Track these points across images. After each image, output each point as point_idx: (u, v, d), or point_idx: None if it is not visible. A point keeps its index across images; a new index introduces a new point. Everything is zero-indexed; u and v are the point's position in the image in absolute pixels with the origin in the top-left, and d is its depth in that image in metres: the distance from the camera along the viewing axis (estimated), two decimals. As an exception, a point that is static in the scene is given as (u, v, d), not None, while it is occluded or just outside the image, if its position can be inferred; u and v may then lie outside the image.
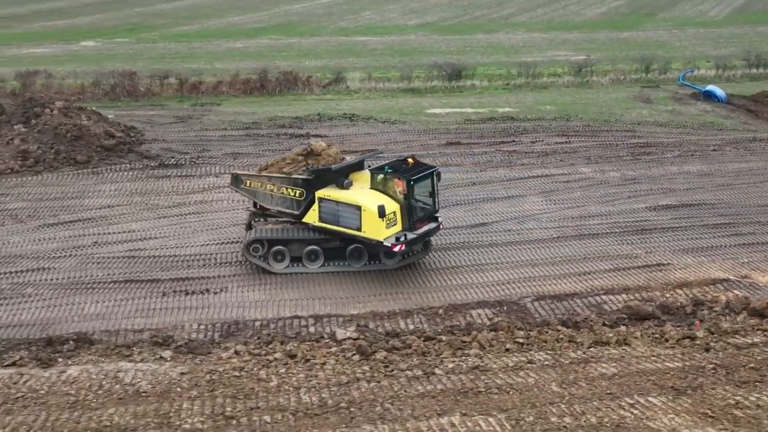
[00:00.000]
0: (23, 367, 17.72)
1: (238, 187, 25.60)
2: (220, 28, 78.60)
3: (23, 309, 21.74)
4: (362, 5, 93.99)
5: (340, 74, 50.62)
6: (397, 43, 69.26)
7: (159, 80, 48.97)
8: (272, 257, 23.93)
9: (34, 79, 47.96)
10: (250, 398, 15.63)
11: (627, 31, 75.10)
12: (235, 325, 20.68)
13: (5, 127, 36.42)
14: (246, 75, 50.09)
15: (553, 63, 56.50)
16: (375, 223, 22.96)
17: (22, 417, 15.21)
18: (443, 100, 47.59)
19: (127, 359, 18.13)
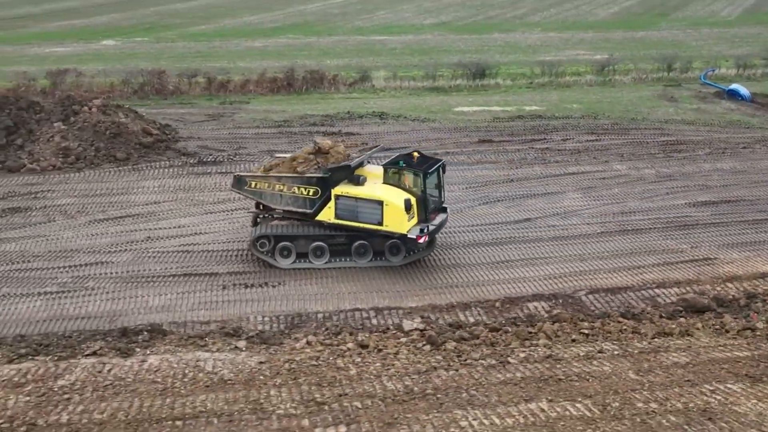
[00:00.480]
0: (104, 357, 18.21)
1: (242, 189, 25.32)
2: (237, 28, 79.08)
3: (89, 301, 22.22)
4: (376, 5, 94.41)
5: (365, 73, 51.04)
6: (414, 42, 69.72)
7: (187, 79, 49.43)
8: (278, 253, 24.28)
9: (63, 77, 48.33)
10: (334, 386, 16.11)
11: (641, 30, 75.57)
12: (298, 317, 21.15)
13: (45, 125, 36.82)
14: (273, 74, 50.52)
15: (574, 62, 56.94)
16: (398, 217, 23.45)
17: (117, 403, 15.69)
18: (469, 98, 48.07)
19: (203, 349, 18.60)
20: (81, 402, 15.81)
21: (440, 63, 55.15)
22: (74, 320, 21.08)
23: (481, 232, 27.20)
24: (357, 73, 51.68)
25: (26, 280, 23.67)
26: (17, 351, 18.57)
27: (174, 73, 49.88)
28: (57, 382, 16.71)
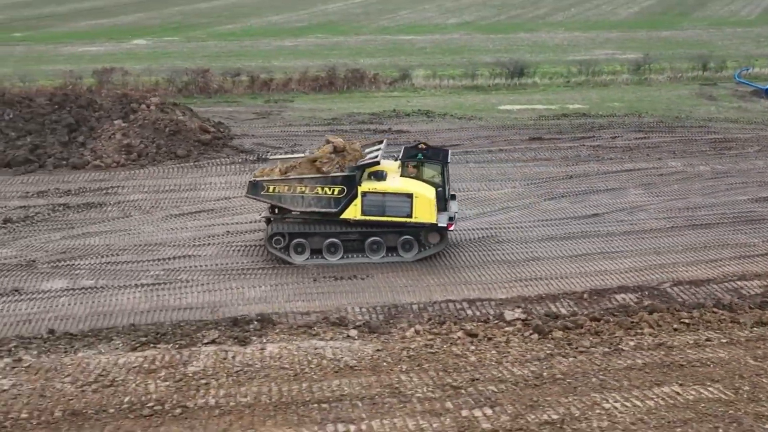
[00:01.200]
0: (223, 345, 18.78)
1: (258, 195, 24.98)
2: (263, 27, 79.65)
3: (186, 293, 22.79)
4: (397, 4, 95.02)
5: (405, 72, 51.60)
6: (442, 41, 70.30)
7: (230, 77, 49.98)
8: (293, 250, 24.54)
9: (110, 76, 48.87)
10: (460, 371, 16.70)
11: (665, 30, 76.23)
12: (394, 308, 21.70)
13: (106, 123, 37.39)
14: (315, 73, 51.06)
15: (610, 61, 57.52)
16: (428, 208, 24.14)
17: (256, 388, 16.28)
18: (510, 96, 48.69)
19: (316, 338, 19.17)
20: (221, 386, 16.40)
21: (478, 62, 55.72)
22: (176, 311, 21.65)
23: (553, 227, 27.79)
24: (397, 72, 52.22)
25: (119, 272, 24.27)
26: (138, 339, 19.15)
27: (217, 72, 50.39)
28: (188, 369, 17.30)
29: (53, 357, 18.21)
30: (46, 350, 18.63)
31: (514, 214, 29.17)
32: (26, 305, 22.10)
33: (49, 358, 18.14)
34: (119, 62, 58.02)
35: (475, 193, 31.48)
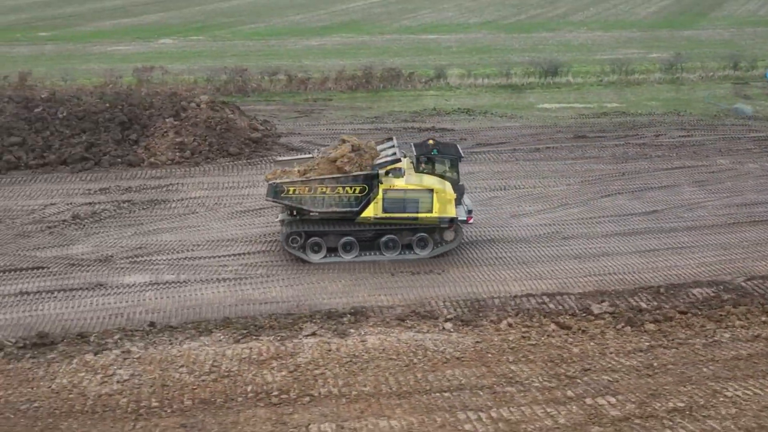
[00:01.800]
0: (323, 337, 19.15)
1: (278, 197, 24.71)
2: (287, 27, 79.98)
3: (269, 288, 23.20)
4: (417, 4, 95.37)
5: (440, 71, 51.96)
6: (467, 41, 70.68)
7: (268, 76, 50.33)
8: (309, 248, 24.64)
9: (150, 74, 49.23)
10: (567, 362, 17.10)
11: (685, 29, 76.64)
12: (476, 302, 22.08)
13: (158, 121, 37.75)
14: (352, 72, 51.42)
15: (639, 60, 57.86)
16: (447, 203, 24.53)
17: (372, 377, 16.69)
18: (547, 95, 49.09)
19: (412, 330, 19.56)
20: (336, 376, 16.80)
21: (509, 61, 56.10)
22: (262, 304, 22.06)
23: (615, 224, 28.18)
24: (432, 71, 52.58)
25: (199, 268, 24.65)
26: (239, 332, 19.52)
27: (255, 71, 50.74)
28: (297, 359, 17.69)
29: (160, 348, 18.62)
30: (152, 342, 19.03)
31: (574, 210, 29.56)
32: (114, 299, 22.52)
33: (156, 350, 18.55)
34: (149, 61, 58.41)
35: (531, 189, 31.90)
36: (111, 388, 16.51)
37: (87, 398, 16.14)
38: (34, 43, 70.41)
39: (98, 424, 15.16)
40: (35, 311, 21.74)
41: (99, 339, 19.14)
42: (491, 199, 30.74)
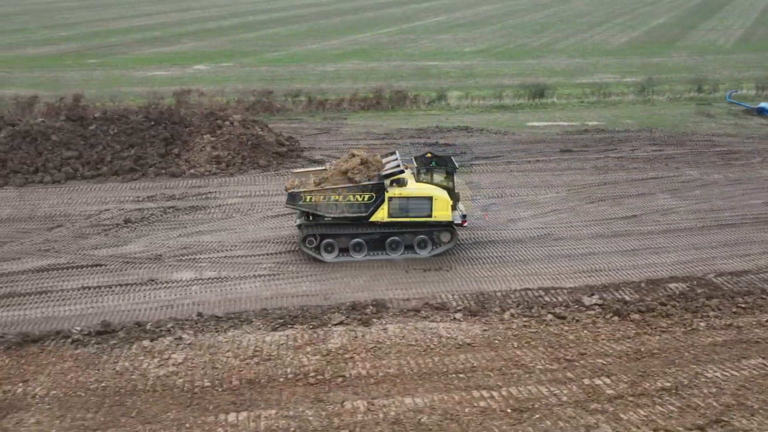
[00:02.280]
0: (350, 325, 19.27)
1: (296, 204, 25.14)
2: (305, 54, 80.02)
3: (300, 283, 23.33)
4: (418, 35, 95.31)
5: (441, 93, 52.09)
6: (465, 66, 70.69)
7: (291, 98, 50.50)
8: (323, 249, 24.94)
9: (188, 96, 49.37)
10: (565, 348, 17.19)
11: (654, 57, 76.65)
12: (481, 295, 22.18)
13: (196, 137, 37.94)
14: (364, 94, 51.56)
15: (616, 84, 57.95)
16: (445, 208, 25.03)
17: (395, 360, 16.82)
18: (535, 114, 49.14)
19: (426, 320, 19.67)
20: (364, 360, 16.94)
21: (502, 85, 56.22)
22: (294, 297, 22.19)
23: (600, 226, 28.30)
24: (434, 93, 52.71)
25: (237, 265, 24.80)
26: (276, 321, 19.63)
27: (279, 93, 50.88)
28: (328, 345, 17.80)
29: (208, 335, 18.74)
30: (200, 330, 19.14)
31: (564, 215, 29.66)
32: (164, 293, 22.67)
33: (204, 337, 18.67)
34: (186, 84, 58.60)
35: (525, 197, 32.00)
36: (167, 370, 16.66)
37: (147, 379, 16.29)
38: (85, 69, 70.59)
39: (159, 401, 15.30)
40: (96, 303, 21.91)
41: (154, 327, 19.28)
42: (490, 206, 30.84)
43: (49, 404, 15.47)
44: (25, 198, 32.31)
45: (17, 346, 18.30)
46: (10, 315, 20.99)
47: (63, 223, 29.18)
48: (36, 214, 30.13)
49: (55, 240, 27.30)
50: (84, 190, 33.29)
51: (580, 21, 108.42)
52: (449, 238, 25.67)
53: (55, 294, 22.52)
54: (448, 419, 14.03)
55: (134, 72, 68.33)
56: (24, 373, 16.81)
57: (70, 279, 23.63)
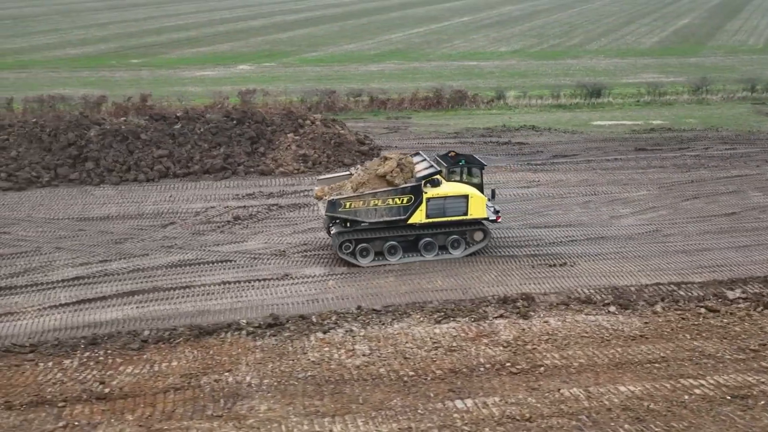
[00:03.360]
0: (509, 318, 19.71)
1: (336, 212, 24.51)
2: (344, 54, 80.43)
3: (432, 278, 23.77)
4: (449, 35, 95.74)
5: (500, 92, 52.53)
6: (505, 66, 71.16)
7: (353, 97, 50.90)
8: (359, 253, 24.68)
9: (253, 96, 49.75)
10: (742, 339, 17.63)
11: (689, 57, 77.14)
12: (615, 289, 22.58)
13: (281, 136, 38.35)
14: (425, 93, 52.00)
15: (663, 84, 58.37)
16: (480, 206, 25.18)
17: (579, 351, 17.29)
18: (596, 114, 49.58)
19: (581, 313, 20.11)
20: (548, 350, 17.44)
21: (548, 84, 56.65)
22: (433, 292, 22.62)
23: (703, 223, 28.75)
24: (493, 92, 53.15)
25: (363, 260, 25.17)
26: (433, 315, 20.04)
27: (342, 93, 51.31)
28: (501, 337, 18.25)
29: (376, 328, 19.19)
30: (365, 323, 19.56)
31: (663, 212, 30.10)
32: (304, 287, 23.11)
33: (373, 329, 19.12)
34: (237, 84, 59.13)
35: (618, 195, 32.43)
36: (361, 360, 17.10)
37: (346, 368, 16.74)
38: (130, 69, 70.95)
39: (374, 389, 15.75)
40: (242, 298, 22.34)
41: (319, 320, 19.71)
42: (587, 203, 31.30)
43: (270, 392, 15.87)
44: (125, 196, 32.78)
45: (195, 338, 18.75)
46: (164, 309, 21.44)
47: (173, 220, 29.62)
48: (143, 212, 30.59)
49: (173, 237, 27.75)
50: (180, 188, 33.73)
51: (606, 21, 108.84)
52: (482, 236, 25.70)
53: (198, 289, 22.98)
54: (675, 405, 14.50)
55: (181, 72, 68.70)
56: (221, 364, 17.25)
57: (207, 274, 24.06)
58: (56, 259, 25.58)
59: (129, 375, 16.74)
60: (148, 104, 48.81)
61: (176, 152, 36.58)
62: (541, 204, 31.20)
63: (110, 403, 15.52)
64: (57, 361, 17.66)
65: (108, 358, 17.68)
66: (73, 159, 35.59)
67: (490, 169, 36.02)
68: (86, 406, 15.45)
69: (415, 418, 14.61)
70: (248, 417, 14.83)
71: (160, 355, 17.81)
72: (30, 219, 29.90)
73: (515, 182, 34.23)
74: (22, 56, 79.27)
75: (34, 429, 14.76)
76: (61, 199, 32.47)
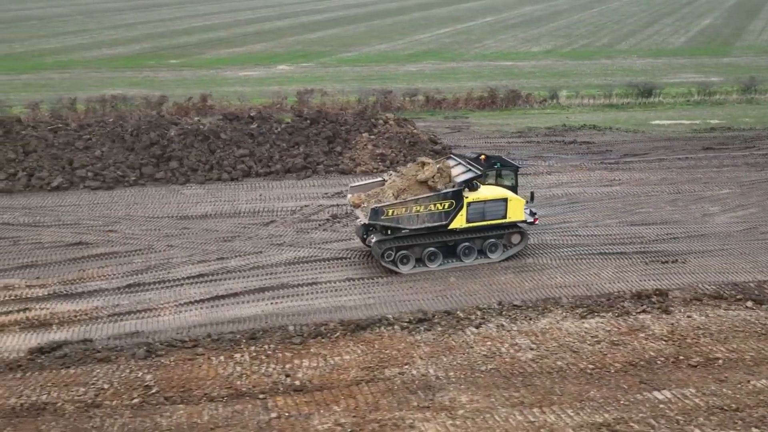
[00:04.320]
0: (651, 314, 20.06)
1: (378, 219, 23.84)
2: (379, 54, 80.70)
3: (553, 275, 24.12)
4: (478, 36, 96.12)
5: (554, 92, 52.90)
6: (542, 66, 71.52)
7: (409, 97, 51.25)
8: (399, 261, 24.25)
9: (311, 96, 50.07)
10: None
11: (722, 57, 77.56)
12: (735, 285, 22.83)
13: (356, 136, 38.67)
14: (479, 93, 52.37)
15: (708, 84, 58.78)
16: (519, 209, 25.08)
17: (743, 345, 17.58)
18: (651, 113, 49.95)
19: (718, 308, 20.46)
20: (712, 344, 17.90)
21: (592, 84, 57.05)
22: (558, 288, 22.97)
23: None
24: (546, 92, 53.52)
25: (476, 258, 25.56)
26: (579, 309, 20.38)
27: (398, 93, 51.68)
28: (654, 331, 18.59)
29: (525, 323, 19.59)
30: (512, 319, 19.92)
31: (753, 210, 30.47)
32: (428, 284, 23.46)
33: (522, 324, 19.48)
34: (282, 84, 59.59)
35: (701, 193, 32.81)
36: (531, 354, 17.45)
37: (522, 361, 17.11)
38: (171, 69, 71.20)
39: (564, 380, 16.31)
40: (371, 294, 22.68)
41: (466, 315, 20.06)
42: (674, 201, 31.67)
43: (462, 384, 16.19)
44: (215, 194, 33.08)
45: (351, 333, 19.11)
46: (299, 305, 21.78)
47: (272, 218, 29.93)
48: (239, 210, 30.90)
49: (279, 234, 28.06)
50: (267, 187, 34.05)
51: (629, 21, 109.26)
52: (519, 239, 25.55)
53: (324, 285, 23.31)
54: None
55: (222, 72, 68.98)
56: (394, 357, 17.60)
57: (328, 271, 24.38)
58: (172, 256, 25.91)
59: (309, 368, 17.09)
60: (208, 104, 49.30)
61: (257, 152, 36.92)
62: (629, 202, 31.57)
63: (309, 394, 15.90)
64: (227, 355, 18.04)
65: (277, 353, 18.06)
66: (156, 158, 35.94)
67: (567, 168, 36.90)
68: (287, 397, 15.80)
69: (621, 408, 15.01)
70: (455, 408, 15.15)
71: (325, 349, 18.16)
72: (130, 217, 30.23)
73: (596, 181, 34.58)
74: (59, 56, 79.53)
75: (249, 419, 15.10)
76: (152, 198, 32.79)
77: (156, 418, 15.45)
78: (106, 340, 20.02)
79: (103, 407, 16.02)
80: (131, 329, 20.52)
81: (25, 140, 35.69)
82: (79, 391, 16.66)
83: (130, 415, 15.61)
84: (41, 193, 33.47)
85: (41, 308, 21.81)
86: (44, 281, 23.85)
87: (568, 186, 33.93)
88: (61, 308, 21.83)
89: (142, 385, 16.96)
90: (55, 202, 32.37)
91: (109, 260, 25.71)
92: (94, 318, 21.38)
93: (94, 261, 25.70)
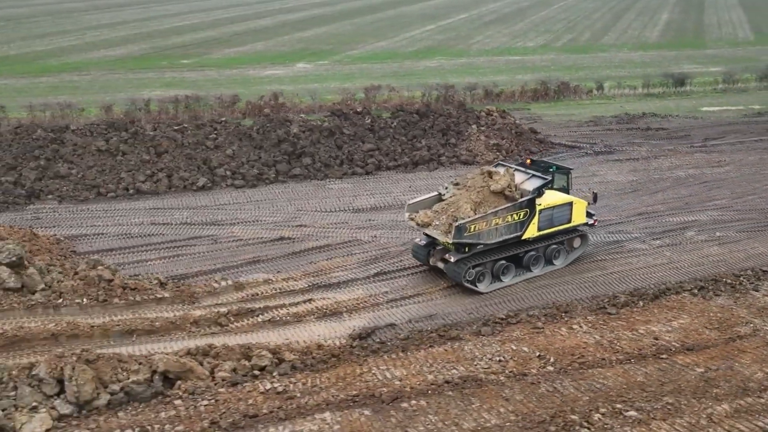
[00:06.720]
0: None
1: (462, 237, 22.37)
2: (385, 51, 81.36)
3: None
4: (465, 32, 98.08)
5: (599, 83, 55.49)
6: (551, 60, 74.18)
7: (469, 91, 52.66)
8: (476, 279, 23.15)
9: (377, 92, 50.67)
10: None
11: (706, 49, 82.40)
12: None
13: (466, 128, 39.80)
14: (532, 86, 54.37)
15: (705, 73, 62.72)
16: (582, 212, 24.96)
17: None
18: (692, 101, 53.19)
19: None
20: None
21: (611, 77, 60.13)
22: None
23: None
24: (593, 83, 56.01)
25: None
26: None
27: (459, 87, 52.97)
28: None
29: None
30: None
31: None
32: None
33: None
34: (317, 82, 60.01)
35: (799, 174, 35.80)
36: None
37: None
38: (192, 70, 69.69)
39: None
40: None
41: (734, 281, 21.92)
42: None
43: None
44: (362, 188, 33.75)
45: (653, 297, 21.23)
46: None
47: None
48: (402, 202, 31.56)
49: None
50: (400, 180, 34.87)
51: (595, 17, 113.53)
52: (579, 242, 25.34)
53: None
54: None
55: (245, 71, 68.34)
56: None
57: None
58: (385, 245, 26.51)
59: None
60: (280, 102, 49.19)
61: (381, 146, 37.55)
62: (751, 179, 33.97)
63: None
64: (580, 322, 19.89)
65: (625, 321, 20.05)
66: (288, 155, 36.03)
67: (665, 152, 39.29)
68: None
69: None
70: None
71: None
72: (303, 210, 30.47)
73: (705, 163, 37.04)
74: (60, 58, 76.36)
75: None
76: (302, 193, 33.09)
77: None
78: (407, 323, 20.82)
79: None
80: (425, 312, 21.35)
81: (155, 141, 35.13)
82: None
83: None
84: (188, 193, 33.19)
85: (321, 299, 22.20)
86: (286, 275, 24.11)
87: (682, 168, 36.30)
88: (340, 297, 22.30)
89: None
90: (211, 201, 32.19)
91: (330, 252, 26.17)
92: (375, 305, 21.99)
93: (314, 254, 26.08)
